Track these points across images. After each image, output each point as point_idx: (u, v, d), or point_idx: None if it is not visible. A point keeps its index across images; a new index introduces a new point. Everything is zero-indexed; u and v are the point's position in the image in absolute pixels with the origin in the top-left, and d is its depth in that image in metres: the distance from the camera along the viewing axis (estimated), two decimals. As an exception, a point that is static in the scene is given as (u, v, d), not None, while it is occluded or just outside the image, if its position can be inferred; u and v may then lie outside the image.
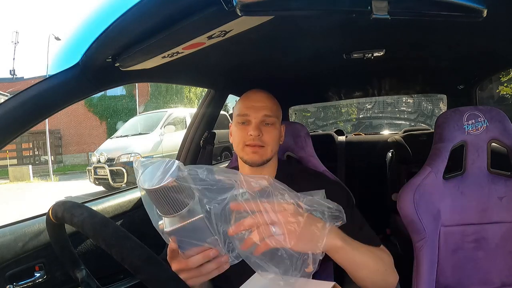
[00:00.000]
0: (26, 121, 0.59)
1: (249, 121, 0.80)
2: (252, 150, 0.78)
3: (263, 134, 0.79)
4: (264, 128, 0.80)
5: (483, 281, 0.92)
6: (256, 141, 0.78)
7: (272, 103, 0.83)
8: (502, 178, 0.91)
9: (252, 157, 0.79)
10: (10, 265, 0.78)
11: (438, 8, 0.46)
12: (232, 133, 0.84)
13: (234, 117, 0.83)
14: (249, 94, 0.84)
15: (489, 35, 0.81)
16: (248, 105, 0.81)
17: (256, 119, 0.79)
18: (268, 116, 0.80)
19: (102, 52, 0.60)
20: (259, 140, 0.78)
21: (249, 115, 0.80)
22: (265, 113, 0.80)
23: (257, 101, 0.81)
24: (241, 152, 0.81)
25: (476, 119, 0.90)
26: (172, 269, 0.52)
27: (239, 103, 0.84)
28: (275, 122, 0.82)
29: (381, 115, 4.99)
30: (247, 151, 0.79)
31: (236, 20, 0.51)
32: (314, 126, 4.56)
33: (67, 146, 15.58)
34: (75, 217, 0.51)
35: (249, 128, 0.79)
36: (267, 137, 0.80)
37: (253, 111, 0.80)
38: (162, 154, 6.77)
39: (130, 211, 1.07)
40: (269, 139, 0.80)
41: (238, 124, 0.81)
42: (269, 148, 0.80)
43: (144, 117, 7.96)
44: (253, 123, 0.79)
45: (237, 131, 0.81)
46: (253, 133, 0.78)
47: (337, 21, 0.67)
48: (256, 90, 0.85)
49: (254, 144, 0.78)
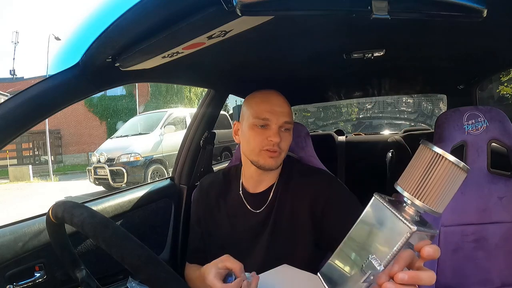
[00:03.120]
0: (26, 121, 0.59)
1: (268, 125, 0.78)
2: (270, 155, 0.77)
3: (281, 141, 0.77)
4: (282, 134, 0.78)
5: (483, 281, 0.92)
6: (276, 148, 0.77)
7: (290, 109, 0.82)
8: (502, 178, 0.91)
9: (270, 162, 0.77)
10: (10, 265, 0.78)
11: (438, 8, 0.46)
12: (246, 135, 0.81)
13: (249, 118, 0.80)
14: (269, 97, 0.81)
15: (489, 35, 0.81)
16: (269, 109, 0.78)
17: (276, 124, 0.77)
18: (288, 122, 0.79)
19: (102, 52, 0.60)
20: (278, 147, 0.77)
21: (270, 119, 0.77)
22: (285, 120, 0.78)
23: (279, 105, 0.79)
24: (257, 156, 0.78)
25: (476, 119, 0.90)
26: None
27: (256, 104, 0.80)
28: (291, 128, 0.81)
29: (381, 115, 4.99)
30: (264, 155, 0.77)
31: (236, 20, 0.51)
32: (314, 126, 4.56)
33: (67, 146, 15.59)
34: (75, 217, 0.51)
35: (269, 133, 0.77)
36: (284, 144, 0.79)
37: (274, 116, 0.77)
38: (162, 154, 6.78)
39: (130, 211, 1.07)
40: (286, 145, 0.79)
41: (255, 127, 0.78)
42: (283, 154, 0.79)
43: (144, 117, 7.96)
44: (273, 128, 0.77)
45: (254, 135, 0.78)
46: (274, 140, 0.76)
47: (337, 21, 0.67)
48: (275, 93, 0.82)
49: (273, 150, 0.77)
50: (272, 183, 0.84)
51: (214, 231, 0.86)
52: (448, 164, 0.34)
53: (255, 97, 0.82)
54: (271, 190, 0.83)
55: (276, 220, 0.80)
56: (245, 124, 0.81)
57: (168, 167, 6.71)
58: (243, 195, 0.85)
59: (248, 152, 0.81)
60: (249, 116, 0.80)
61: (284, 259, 0.73)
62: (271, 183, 0.84)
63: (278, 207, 0.81)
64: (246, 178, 0.86)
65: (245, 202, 0.84)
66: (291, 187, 0.82)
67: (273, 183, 0.84)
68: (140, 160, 6.52)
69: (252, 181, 0.84)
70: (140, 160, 6.52)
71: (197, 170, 1.27)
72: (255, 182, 0.84)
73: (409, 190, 0.36)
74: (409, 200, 0.36)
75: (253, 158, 0.80)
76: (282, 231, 0.79)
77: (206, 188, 0.90)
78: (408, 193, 0.35)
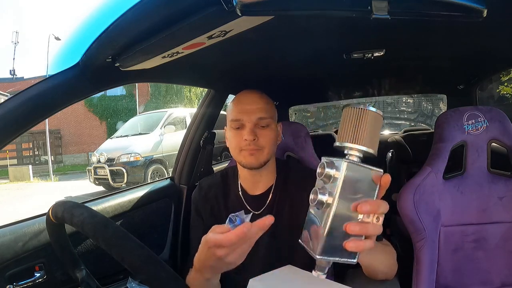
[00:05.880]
0: (26, 121, 0.59)
1: (243, 125, 0.78)
2: (249, 153, 0.77)
3: (258, 138, 0.77)
4: (259, 131, 0.77)
5: (483, 281, 0.92)
6: (252, 146, 0.76)
7: (265, 103, 0.80)
8: (502, 178, 0.91)
9: (250, 160, 0.77)
10: (10, 265, 0.78)
11: (438, 8, 0.46)
12: (228, 138, 0.82)
13: (228, 121, 0.81)
14: (241, 97, 0.81)
15: (489, 35, 0.81)
16: (241, 109, 0.78)
17: (250, 123, 0.77)
18: (263, 119, 0.78)
19: (102, 52, 0.60)
20: (255, 145, 0.77)
21: (242, 119, 0.77)
22: (258, 116, 0.77)
23: (249, 103, 0.78)
24: (238, 157, 0.79)
25: (476, 119, 0.90)
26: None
27: (231, 108, 0.81)
28: (270, 123, 0.79)
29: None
30: (244, 154, 0.78)
31: (236, 20, 0.51)
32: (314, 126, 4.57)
33: (67, 146, 15.59)
34: (75, 217, 0.51)
35: (244, 133, 0.77)
36: (263, 140, 0.78)
37: (246, 115, 0.77)
38: (162, 154, 6.78)
39: (130, 211, 1.07)
40: (265, 141, 0.78)
41: (232, 130, 0.79)
42: (266, 150, 0.78)
43: (144, 117, 7.95)
44: (247, 127, 0.77)
45: (232, 137, 0.79)
46: (248, 138, 0.76)
47: (337, 21, 0.67)
48: (247, 91, 0.82)
49: (250, 148, 0.77)
50: (271, 184, 0.84)
51: None
52: (371, 113, 0.42)
53: (232, 100, 0.83)
54: (270, 191, 0.83)
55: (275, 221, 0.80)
56: (227, 128, 0.83)
57: (168, 167, 6.71)
58: (243, 196, 0.85)
59: (232, 154, 0.82)
60: (228, 120, 0.81)
61: (285, 261, 0.72)
62: (269, 184, 0.84)
63: (278, 209, 0.81)
64: (243, 179, 0.86)
65: (245, 203, 0.84)
66: (290, 188, 0.82)
67: (271, 184, 0.84)
68: (140, 160, 6.51)
69: (248, 182, 0.85)
70: (140, 160, 6.52)
71: (197, 170, 1.27)
72: (251, 183, 0.84)
73: (348, 140, 0.42)
74: (350, 148, 0.43)
75: (236, 158, 0.81)
76: (282, 232, 0.79)
77: (206, 191, 0.90)
78: (349, 143, 0.42)
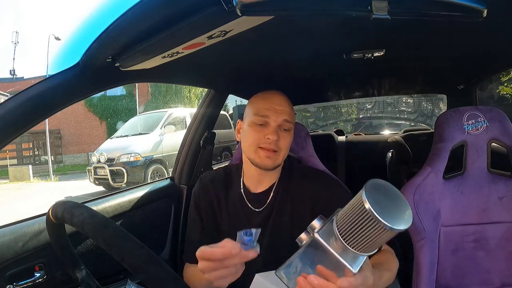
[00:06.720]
0: (26, 121, 0.59)
1: (267, 123, 0.77)
2: (266, 155, 0.77)
3: (279, 139, 0.77)
4: (281, 133, 0.78)
5: (483, 281, 0.92)
6: (272, 146, 0.76)
7: (291, 109, 0.81)
8: (502, 178, 0.91)
9: (265, 161, 0.77)
10: (10, 265, 0.78)
11: (438, 8, 0.46)
12: (245, 133, 0.81)
13: (250, 115, 0.80)
14: (270, 95, 0.81)
15: (489, 35, 0.81)
16: (269, 107, 0.78)
17: (275, 122, 0.77)
18: (287, 122, 0.78)
19: (102, 52, 0.60)
20: (275, 145, 0.77)
21: (269, 117, 0.77)
22: (285, 118, 0.78)
23: (279, 104, 0.79)
24: (253, 154, 0.78)
25: (476, 119, 0.90)
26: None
27: (257, 102, 0.81)
28: (291, 128, 0.80)
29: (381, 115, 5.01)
30: (261, 154, 0.77)
31: (236, 20, 0.51)
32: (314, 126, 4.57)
33: (67, 146, 15.59)
34: (75, 217, 0.51)
35: (267, 131, 0.77)
36: (283, 143, 0.78)
37: (273, 113, 0.77)
38: (162, 154, 6.78)
39: (130, 211, 1.07)
40: (284, 145, 0.78)
41: (254, 125, 0.79)
42: (282, 154, 0.79)
43: (144, 117, 7.95)
44: (272, 126, 0.77)
45: (251, 131, 0.78)
46: (271, 137, 0.75)
47: (337, 21, 0.67)
48: (276, 92, 0.83)
49: (269, 148, 0.76)
50: (273, 182, 0.84)
51: (213, 228, 0.86)
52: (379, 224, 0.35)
53: (258, 96, 0.83)
54: (272, 189, 0.83)
55: (276, 220, 0.80)
56: (246, 122, 0.82)
57: (168, 167, 6.71)
58: (244, 194, 0.85)
59: (246, 148, 0.81)
60: (250, 114, 0.81)
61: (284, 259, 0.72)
62: (272, 182, 0.84)
63: (279, 207, 0.81)
64: (247, 177, 0.86)
65: (246, 200, 0.84)
66: (292, 187, 0.82)
67: (273, 182, 0.84)
68: (140, 160, 6.51)
69: (253, 180, 0.84)
70: (140, 160, 6.52)
71: (197, 170, 1.27)
72: (255, 182, 0.84)
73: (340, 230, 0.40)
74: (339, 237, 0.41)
75: (250, 155, 0.80)
76: (282, 231, 0.79)
77: (207, 184, 0.89)
78: (339, 233, 0.40)
